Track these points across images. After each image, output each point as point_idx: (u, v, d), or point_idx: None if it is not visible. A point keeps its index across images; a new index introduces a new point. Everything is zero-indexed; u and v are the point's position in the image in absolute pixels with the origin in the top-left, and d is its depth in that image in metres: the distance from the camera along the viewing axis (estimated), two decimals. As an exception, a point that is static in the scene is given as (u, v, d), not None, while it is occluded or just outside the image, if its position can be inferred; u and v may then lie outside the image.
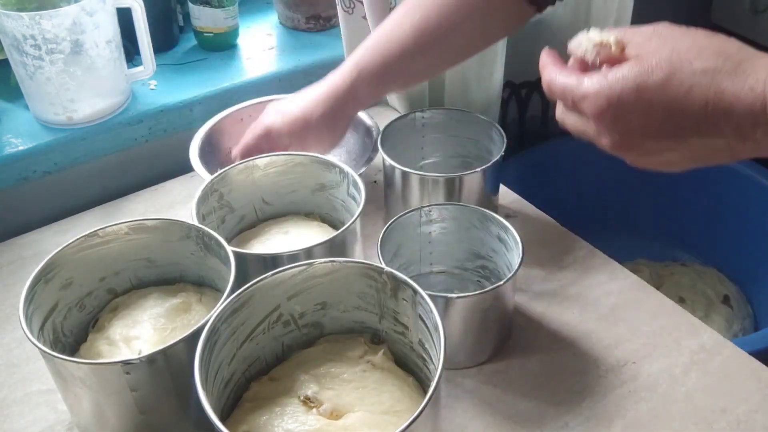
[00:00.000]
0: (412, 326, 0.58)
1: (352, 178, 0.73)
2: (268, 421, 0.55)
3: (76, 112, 0.89)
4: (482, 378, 0.68)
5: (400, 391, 0.57)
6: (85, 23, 0.84)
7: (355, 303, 0.61)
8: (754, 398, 0.65)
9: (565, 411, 0.64)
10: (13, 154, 0.87)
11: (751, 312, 1.39)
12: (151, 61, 0.94)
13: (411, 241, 0.73)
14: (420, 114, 0.85)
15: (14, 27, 0.81)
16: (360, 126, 0.90)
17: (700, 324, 0.72)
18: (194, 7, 1.04)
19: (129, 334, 0.63)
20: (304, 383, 0.57)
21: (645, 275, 1.44)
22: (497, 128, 0.81)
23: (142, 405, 0.56)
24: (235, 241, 0.76)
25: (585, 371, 0.68)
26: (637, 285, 0.78)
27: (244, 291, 0.56)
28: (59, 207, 0.92)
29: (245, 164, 0.75)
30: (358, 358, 0.60)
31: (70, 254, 0.63)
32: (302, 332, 0.62)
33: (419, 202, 0.77)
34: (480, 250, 0.74)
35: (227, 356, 0.56)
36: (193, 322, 0.64)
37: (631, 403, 0.65)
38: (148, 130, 0.95)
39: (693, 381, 0.67)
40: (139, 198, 0.94)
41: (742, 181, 1.42)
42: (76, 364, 0.56)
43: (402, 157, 0.79)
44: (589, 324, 0.73)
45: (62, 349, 0.63)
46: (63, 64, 0.85)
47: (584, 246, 0.83)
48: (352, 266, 0.59)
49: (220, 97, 0.98)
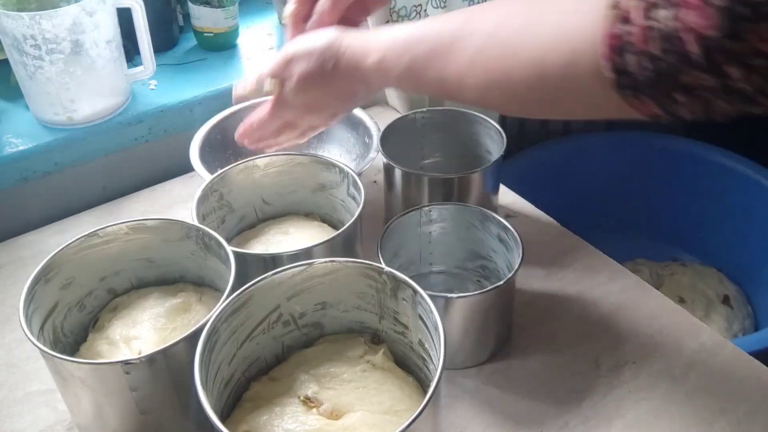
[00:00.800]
0: (412, 326, 0.58)
1: (352, 178, 0.73)
2: (268, 421, 0.55)
3: (76, 112, 0.89)
4: (482, 378, 0.68)
5: (400, 391, 0.57)
6: (85, 23, 0.84)
7: (355, 303, 0.61)
8: (754, 398, 0.65)
9: (565, 411, 0.64)
10: (13, 154, 0.87)
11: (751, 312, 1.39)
12: (151, 61, 0.94)
13: (411, 241, 0.73)
14: (420, 114, 0.85)
15: (14, 27, 0.81)
16: (360, 126, 0.90)
17: (700, 324, 0.72)
18: (194, 7, 1.04)
19: (129, 334, 0.63)
20: (304, 383, 0.57)
21: (645, 275, 1.44)
22: (497, 128, 0.81)
23: (142, 405, 0.56)
24: (235, 241, 0.76)
25: (585, 371, 0.68)
26: (637, 285, 0.78)
27: (244, 291, 0.56)
28: (59, 207, 0.92)
29: (245, 164, 0.75)
30: (358, 358, 0.60)
31: (70, 254, 0.63)
32: (302, 332, 0.62)
33: (419, 202, 0.77)
34: (480, 250, 0.74)
35: (227, 356, 0.56)
36: (193, 322, 0.64)
37: (631, 403, 0.65)
38: (148, 130, 0.95)
39: (693, 381, 0.67)
40: (139, 198, 0.94)
41: (742, 181, 1.42)
42: (76, 364, 0.56)
43: (402, 157, 0.79)
44: (589, 324, 0.73)
45: (62, 349, 0.63)
46: (63, 64, 0.85)
47: (584, 246, 0.83)
48: (352, 266, 0.59)
49: (220, 97, 0.98)
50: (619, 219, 1.56)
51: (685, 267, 1.48)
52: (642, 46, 0.40)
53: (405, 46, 0.58)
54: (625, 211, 1.56)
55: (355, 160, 0.89)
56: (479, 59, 0.51)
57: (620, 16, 0.41)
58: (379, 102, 1.08)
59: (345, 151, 0.92)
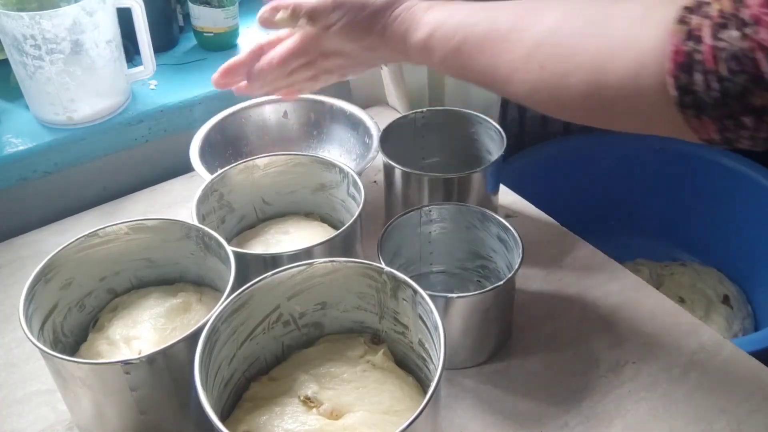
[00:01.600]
0: (412, 326, 0.58)
1: (352, 178, 0.73)
2: (268, 421, 0.55)
3: (76, 112, 0.89)
4: (482, 378, 0.68)
5: (400, 391, 0.57)
6: (85, 23, 0.84)
7: (355, 303, 0.61)
8: (754, 398, 0.65)
9: (565, 411, 0.64)
10: (13, 154, 0.87)
11: (751, 312, 1.39)
12: (151, 61, 0.94)
13: (411, 241, 0.73)
14: (420, 114, 0.85)
15: (14, 27, 0.81)
16: (360, 126, 0.90)
17: (700, 324, 0.72)
18: (194, 7, 1.04)
19: (129, 334, 0.63)
20: (304, 383, 0.57)
21: (645, 275, 1.45)
22: (497, 128, 0.81)
23: (142, 405, 0.56)
24: (235, 241, 0.76)
25: (585, 371, 0.68)
26: (637, 285, 0.78)
27: (244, 291, 0.56)
28: (59, 207, 0.92)
29: (245, 164, 0.75)
30: (358, 358, 0.60)
31: (70, 254, 0.63)
32: (302, 332, 0.62)
33: (419, 202, 0.77)
34: (480, 250, 0.74)
35: (227, 356, 0.56)
36: (193, 322, 0.64)
37: (631, 403, 0.65)
38: (148, 130, 0.95)
39: (693, 381, 0.67)
40: (139, 198, 0.94)
41: (742, 181, 1.42)
42: (76, 364, 0.56)
43: (402, 157, 0.79)
44: (589, 324, 0.73)
45: (62, 349, 0.63)
46: (63, 64, 0.85)
47: (584, 246, 0.83)
48: (352, 266, 0.59)
49: (220, 97, 0.98)
50: (619, 219, 1.56)
51: (685, 267, 1.48)
52: (710, 66, 0.38)
53: (457, 27, 0.55)
54: (625, 211, 1.56)
55: (355, 160, 0.89)
56: (535, 54, 0.49)
57: (689, 32, 0.39)
58: (379, 102, 1.08)
59: (345, 151, 0.92)
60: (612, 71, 0.44)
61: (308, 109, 0.94)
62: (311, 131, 0.94)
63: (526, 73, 0.50)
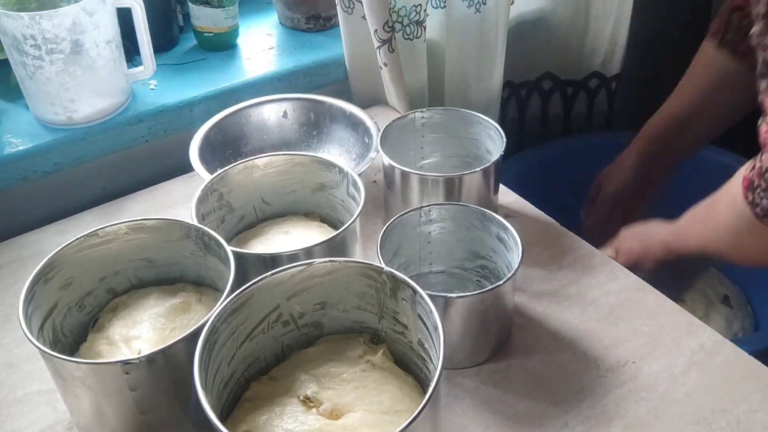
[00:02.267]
0: (411, 326, 0.58)
1: (352, 178, 0.73)
2: (267, 421, 0.55)
3: (76, 112, 0.89)
4: (482, 378, 0.68)
5: (400, 390, 0.57)
6: (85, 23, 0.84)
7: (354, 303, 0.61)
8: (754, 398, 0.65)
9: (565, 411, 0.64)
10: (13, 154, 0.87)
11: (751, 312, 1.39)
12: (151, 61, 0.94)
13: (410, 241, 0.73)
14: (420, 114, 0.85)
15: (14, 27, 0.81)
16: (360, 126, 0.90)
17: (700, 324, 0.72)
18: (194, 7, 1.04)
19: (129, 334, 0.63)
20: (303, 383, 0.57)
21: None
22: (497, 128, 0.81)
23: (142, 405, 0.56)
24: (235, 241, 0.76)
25: (585, 371, 0.68)
26: (637, 285, 0.78)
27: (243, 291, 0.56)
28: (59, 207, 0.92)
29: (245, 164, 0.75)
30: (357, 357, 0.60)
31: (70, 254, 0.63)
32: (302, 332, 0.62)
33: (419, 202, 0.77)
34: (480, 250, 0.74)
35: (227, 356, 0.56)
36: (192, 322, 0.64)
37: (631, 403, 0.65)
38: (148, 130, 0.95)
39: (693, 381, 0.67)
40: (139, 198, 0.94)
41: (742, 181, 1.41)
42: (76, 364, 0.56)
43: (402, 157, 0.79)
44: (589, 324, 0.73)
45: (62, 349, 0.63)
46: (63, 64, 0.85)
47: (584, 246, 0.83)
48: (351, 266, 0.59)
49: (220, 97, 0.99)
50: (619, 219, 1.55)
51: (685, 267, 1.47)
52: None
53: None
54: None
55: (355, 160, 0.89)
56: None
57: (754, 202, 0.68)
58: (379, 102, 1.08)
59: (345, 151, 0.92)
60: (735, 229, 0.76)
61: (308, 109, 0.94)
62: (311, 131, 0.95)
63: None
